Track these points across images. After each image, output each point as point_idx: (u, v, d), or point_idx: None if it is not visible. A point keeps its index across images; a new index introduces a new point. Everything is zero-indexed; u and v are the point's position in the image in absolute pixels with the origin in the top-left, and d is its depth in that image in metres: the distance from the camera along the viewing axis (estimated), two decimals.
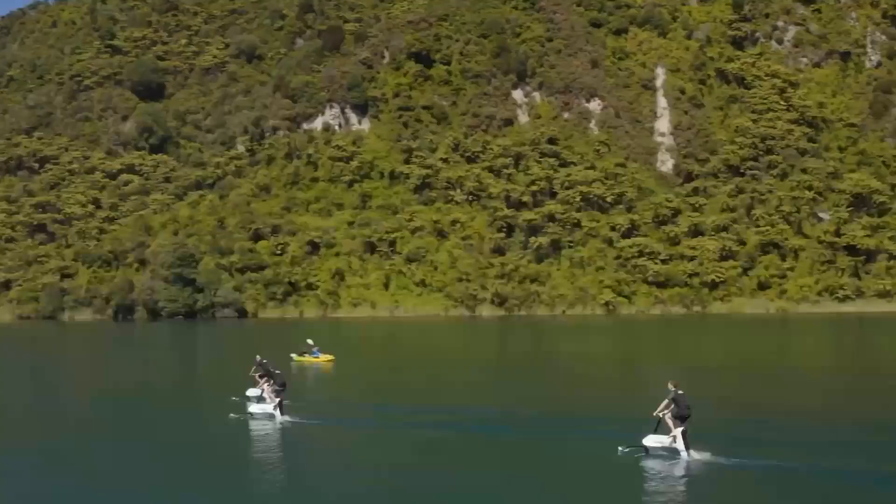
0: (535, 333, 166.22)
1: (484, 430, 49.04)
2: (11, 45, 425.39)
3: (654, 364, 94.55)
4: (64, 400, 69.32)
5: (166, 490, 37.20)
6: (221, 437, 49.91)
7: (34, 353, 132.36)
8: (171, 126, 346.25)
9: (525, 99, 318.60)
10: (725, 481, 37.37)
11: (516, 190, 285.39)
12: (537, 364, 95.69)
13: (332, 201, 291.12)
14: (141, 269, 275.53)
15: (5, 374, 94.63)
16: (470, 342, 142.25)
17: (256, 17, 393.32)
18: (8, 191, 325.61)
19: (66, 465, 41.75)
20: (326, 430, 51.48)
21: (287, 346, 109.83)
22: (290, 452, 46.28)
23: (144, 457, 44.02)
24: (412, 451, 44.09)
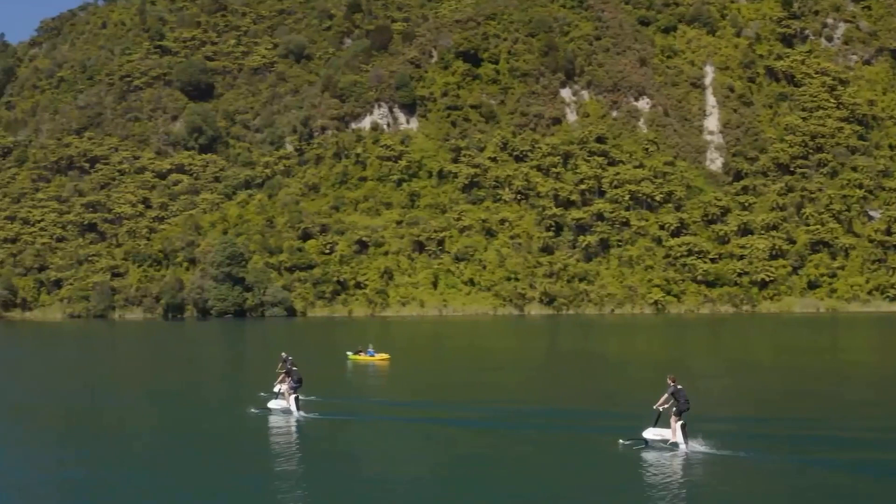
0: (585, 332, 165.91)
1: (532, 427, 49.17)
2: (62, 47, 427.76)
3: (702, 363, 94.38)
4: (108, 394, 70.04)
5: (170, 477, 39.15)
6: (237, 431, 52.08)
7: (84, 349, 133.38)
8: (220, 126, 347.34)
9: (573, 97, 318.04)
10: (726, 473, 38.73)
11: (565, 189, 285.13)
12: (587, 363, 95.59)
13: (381, 200, 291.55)
14: (191, 268, 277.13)
15: (56, 370, 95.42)
16: (521, 341, 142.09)
17: (305, 17, 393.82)
18: (59, 191, 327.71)
19: (93, 455, 44.12)
20: (336, 424, 53.59)
21: (336, 344, 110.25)
22: (295, 446, 48.20)
23: (161, 447, 47.06)
24: (447, 446, 44.71)
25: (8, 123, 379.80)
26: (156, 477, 38.99)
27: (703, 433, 42.91)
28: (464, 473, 39.11)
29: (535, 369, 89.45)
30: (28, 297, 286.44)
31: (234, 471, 40.50)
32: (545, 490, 35.82)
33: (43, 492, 36.76)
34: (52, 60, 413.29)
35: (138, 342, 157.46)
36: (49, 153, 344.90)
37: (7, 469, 40.58)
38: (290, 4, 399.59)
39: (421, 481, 37.54)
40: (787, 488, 36.35)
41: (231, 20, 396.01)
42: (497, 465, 40.50)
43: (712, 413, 53.85)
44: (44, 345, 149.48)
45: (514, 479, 37.51)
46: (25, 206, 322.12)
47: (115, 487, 37.30)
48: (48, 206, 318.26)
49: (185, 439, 49.42)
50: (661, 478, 37.75)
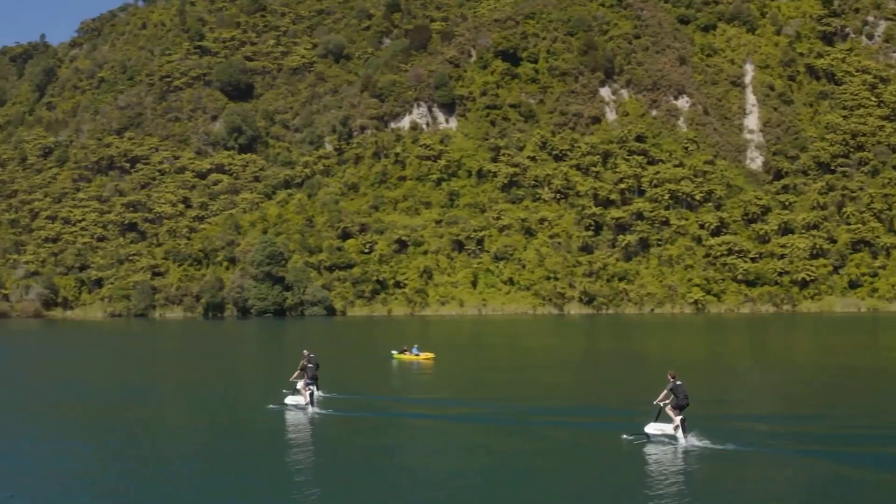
0: (625, 331, 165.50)
1: (580, 426, 49.13)
2: (102, 47, 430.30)
3: (740, 362, 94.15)
4: (142, 390, 70.62)
5: (170, 471, 40.16)
6: (248, 426, 53.08)
7: (123, 347, 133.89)
8: (259, 126, 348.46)
9: (612, 96, 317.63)
10: (727, 466, 39.57)
11: (604, 188, 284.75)
12: (628, 362, 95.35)
13: (420, 200, 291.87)
14: (231, 268, 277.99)
15: (94, 368, 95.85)
16: (563, 340, 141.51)
17: (344, 17, 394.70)
18: (99, 190, 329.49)
19: (114, 447, 44.68)
20: (352, 420, 54.05)
21: (378, 343, 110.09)
22: (301, 441, 48.76)
23: (176, 441, 48.53)
24: (485, 444, 44.61)
25: (49, 124, 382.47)
26: (159, 471, 40.04)
27: (733, 430, 44.28)
28: (492, 471, 39.13)
29: (580, 368, 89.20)
30: (69, 297, 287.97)
31: (231, 466, 41.29)
32: (573, 488, 36.14)
33: (70, 484, 37.36)
34: (93, 61, 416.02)
35: (177, 340, 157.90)
36: (90, 153, 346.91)
37: (43, 463, 41.30)
38: (329, 4, 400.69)
39: (430, 479, 37.71)
40: (787, 482, 36.96)
41: (270, 20, 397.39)
42: (531, 463, 40.53)
43: (742, 410, 55.28)
44: (84, 343, 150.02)
45: (545, 477, 37.43)
46: (66, 205, 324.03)
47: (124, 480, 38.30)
48: (89, 206, 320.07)
49: (198, 433, 50.72)
50: (679, 476, 38.16)
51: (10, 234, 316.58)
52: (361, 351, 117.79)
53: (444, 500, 34.40)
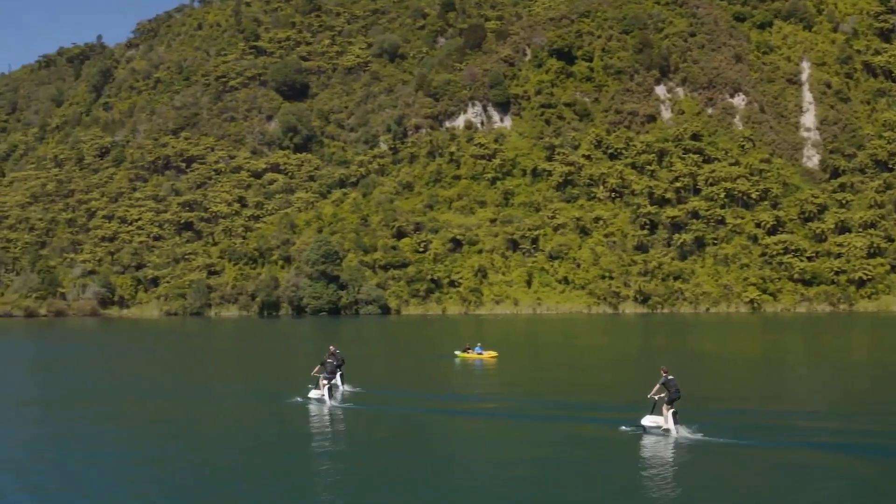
0: (683, 331, 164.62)
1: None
2: (158, 48, 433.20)
3: (794, 360, 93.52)
4: (188, 386, 71.30)
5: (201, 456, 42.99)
6: (268, 418, 55.33)
7: (181, 345, 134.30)
8: (314, 125, 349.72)
9: (668, 94, 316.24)
10: (717, 458, 40.98)
11: (659, 186, 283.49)
12: (697, 362, 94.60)
13: (475, 199, 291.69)
14: (286, 267, 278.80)
15: (152, 364, 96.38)
16: (622, 339, 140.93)
17: (398, 16, 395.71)
18: (156, 190, 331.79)
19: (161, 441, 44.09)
20: (371, 414, 54.86)
21: (435, 342, 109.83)
22: (320, 433, 50.37)
23: (207, 433, 50.37)
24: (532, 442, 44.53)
25: (105, 124, 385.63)
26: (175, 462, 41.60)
27: (787, 427, 45.28)
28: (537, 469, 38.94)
29: (638, 367, 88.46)
30: (126, 295, 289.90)
31: (240, 456, 42.85)
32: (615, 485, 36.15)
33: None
34: (149, 62, 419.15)
35: (231, 338, 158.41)
36: (146, 153, 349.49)
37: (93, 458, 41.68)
38: (384, 4, 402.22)
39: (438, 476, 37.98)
40: (778, 474, 37.59)
41: (325, 20, 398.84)
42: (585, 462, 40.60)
43: (789, 407, 55.82)
44: (141, 341, 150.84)
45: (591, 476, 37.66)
46: (123, 205, 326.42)
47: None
48: (145, 206, 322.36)
49: (223, 425, 53.43)
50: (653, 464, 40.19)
51: (68, 233, 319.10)
52: (422, 350, 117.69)
53: (489, 494, 34.49)
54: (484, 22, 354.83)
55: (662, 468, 38.92)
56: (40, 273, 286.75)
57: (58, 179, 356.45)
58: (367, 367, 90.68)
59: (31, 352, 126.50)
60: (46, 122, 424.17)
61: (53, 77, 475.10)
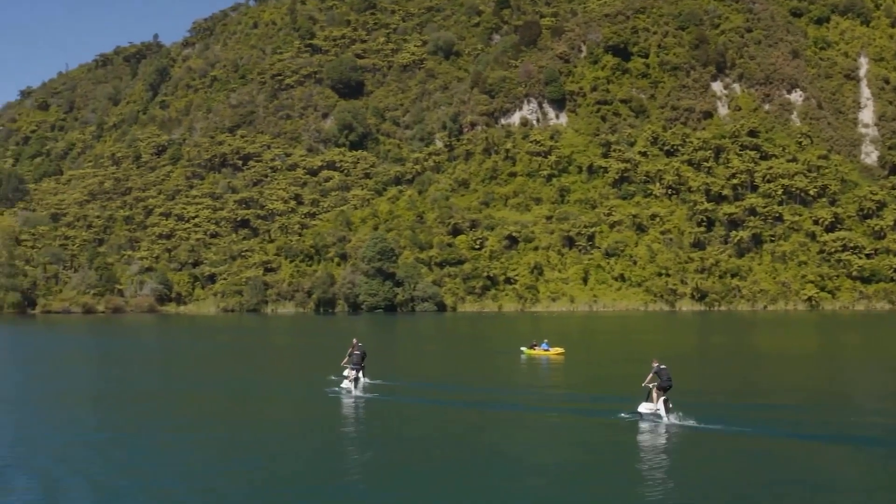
0: (747, 329, 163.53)
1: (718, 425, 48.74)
2: (214, 46, 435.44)
3: (854, 359, 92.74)
4: (241, 379, 71.67)
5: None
6: (310, 408, 57.92)
7: (237, 341, 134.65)
8: (370, 123, 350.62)
9: (724, 91, 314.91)
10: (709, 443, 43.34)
11: (716, 183, 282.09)
12: (769, 359, 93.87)
13: (530, 196, 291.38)
14: (342, 264, 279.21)
15: (210, 359, 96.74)
16: (686, 337, 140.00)
17: (453, 13, 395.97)
18: (213, 187, 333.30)
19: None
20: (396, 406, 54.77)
21: (494, 338, 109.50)
22: (340, 422, 52.03)
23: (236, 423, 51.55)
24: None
25: (162, 122, 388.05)
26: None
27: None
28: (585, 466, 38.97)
29: (708, 364, 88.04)
30: (183, 292, 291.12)
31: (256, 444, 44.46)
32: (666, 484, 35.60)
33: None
34: (205, 60, 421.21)
35: (287, 334, 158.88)
36: (203, 151, 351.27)
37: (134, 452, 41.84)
38: (439, 1, 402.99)
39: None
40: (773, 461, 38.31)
41: (380, 18, 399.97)
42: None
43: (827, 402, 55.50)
44: (198, 336, 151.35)
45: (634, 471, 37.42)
46: (180, 202, 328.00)
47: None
48: (202, 203, 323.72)
49: (255, 414, 55.57)
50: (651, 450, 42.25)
51: (125, 230, 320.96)
52: (486, 346, 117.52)
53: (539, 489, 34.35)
54: (539, 18, 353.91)
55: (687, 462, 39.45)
56: (98, 270, 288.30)
57: (115, 177, 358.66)
58: (432, 363, 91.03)
59: (93, 347, 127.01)
60: (104, 121, 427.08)
61: (110, 76, 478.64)
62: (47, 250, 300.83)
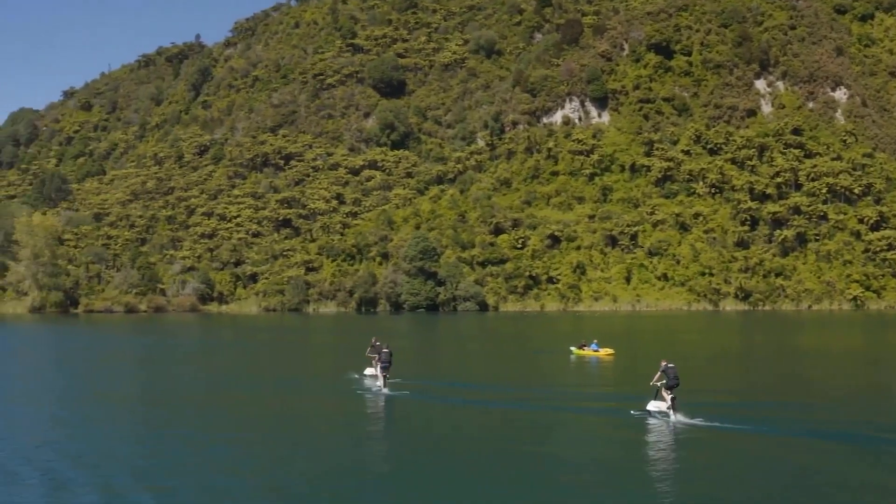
0: (792, 328, 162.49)
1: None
2: (256, 46, 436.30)
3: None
4: (275, 377, 71.42)
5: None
6: (337, 404, 59.77)
7: (279, 340, 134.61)
8: (411, 122, 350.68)
9: (768, 89, 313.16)
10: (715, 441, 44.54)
11: (760, 182, 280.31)
12: (825, 359, 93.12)
13: (573, 195, 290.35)
14: (383, 263, 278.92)
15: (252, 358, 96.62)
16: (731, 336, 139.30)
17: (495, 12, 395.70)
18: (254, 187, 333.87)
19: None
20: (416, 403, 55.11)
21: (531, 337, 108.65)
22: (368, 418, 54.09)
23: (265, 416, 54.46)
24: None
25: (204, 122, 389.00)
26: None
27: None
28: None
29: (762, 364, 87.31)
30: (224, 291, 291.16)
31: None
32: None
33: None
34: (247, 60, 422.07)
35: (329, 333, 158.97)
36: (244, 150, 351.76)
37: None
38: (480, 0, 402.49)
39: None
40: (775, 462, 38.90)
41: (422, 17, 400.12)
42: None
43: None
44: (242, 336, 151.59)
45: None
46: (222, 202, 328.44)
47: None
48: (244, 203, 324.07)
49: (287, 408, 58.07)
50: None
51: (168, 230, 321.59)
52: (532, 346, 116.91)
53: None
54: (581, 17, 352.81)
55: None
56: (140, 269, 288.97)
57: (157, 177, 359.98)
58: (478, 363, 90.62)
59: (139, 347, 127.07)
60: (146, 121, 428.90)
61: (153, 76, 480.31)
62: (90, 250, 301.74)
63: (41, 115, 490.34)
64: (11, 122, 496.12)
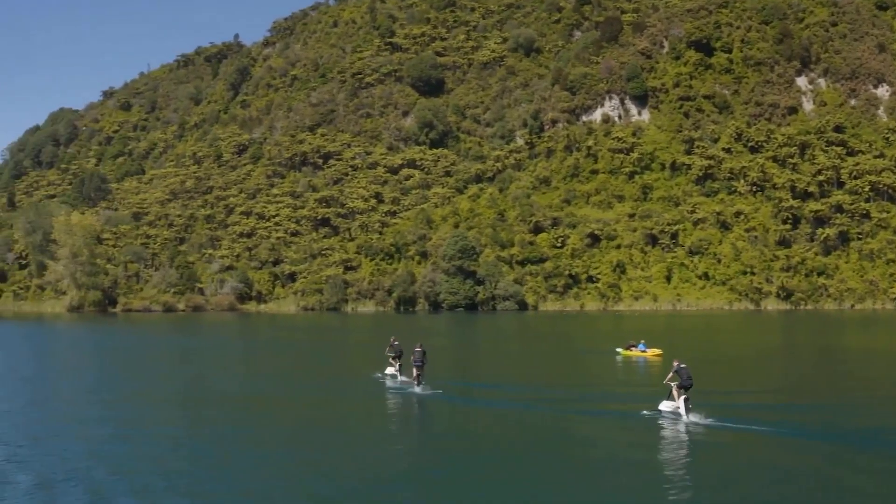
0: (832, 327, 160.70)
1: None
2: (294, 46, 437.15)
3: None
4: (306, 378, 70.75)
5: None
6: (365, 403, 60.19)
7: (324, 338, 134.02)
8: (450, 121, 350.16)
9: (809, 86, 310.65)
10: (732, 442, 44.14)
11: (802, 180, 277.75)
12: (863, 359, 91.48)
13: (613, 193, 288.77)
14: (422, 262, 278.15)
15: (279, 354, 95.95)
16: (778, 336, 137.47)
17: (534, 10, 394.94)
18: (293, 186, 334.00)
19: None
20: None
21: (574, 337, 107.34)
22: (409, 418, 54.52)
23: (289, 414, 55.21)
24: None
25: (243, 122, 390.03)
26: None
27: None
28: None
29: (813, 364, 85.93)
30: (263, 290, 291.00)
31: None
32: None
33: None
34: (286, 59, 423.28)
35: (368, 332, 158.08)
36: (283, 150, 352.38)
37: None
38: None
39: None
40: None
41: (460, 16, 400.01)
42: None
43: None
44: (278, 335, 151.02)
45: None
46: (261, 201, 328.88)
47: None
48: (282, 202, 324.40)
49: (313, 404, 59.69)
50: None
51: (206, 229, 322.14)
52: (575, 346, 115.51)
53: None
54: (620, 14, 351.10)
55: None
56: (179, 268, 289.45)
57: (196, 176, 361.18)
58: (522, 363, 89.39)
59: (179, 346, 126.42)
60: (185, 121, 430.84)
61: (192, 76, 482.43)
62: (129, 249, 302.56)
63: (81, 115, 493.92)
64: (51, 122, 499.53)
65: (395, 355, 68.59)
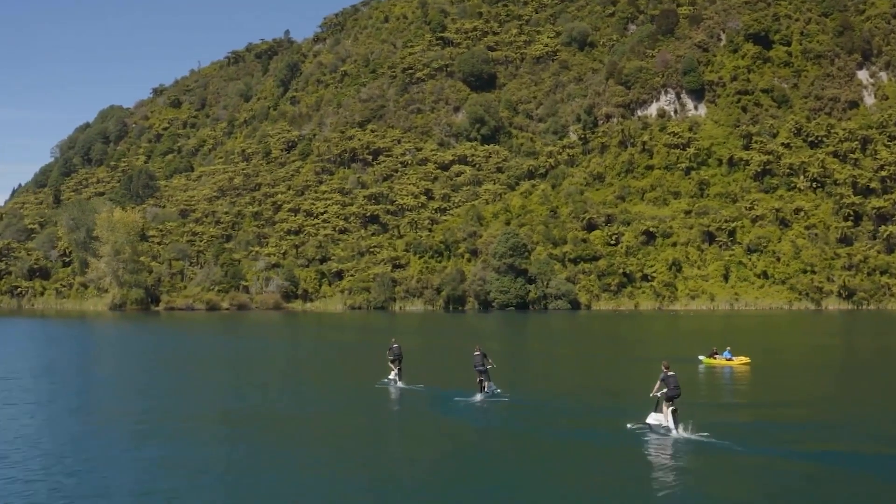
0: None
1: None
2: (345, 41, 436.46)
3: None
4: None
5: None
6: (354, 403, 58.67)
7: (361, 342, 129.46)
8: (502, 116, 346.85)
9: (871, 79, 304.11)
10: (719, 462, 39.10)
11: (864, 176, 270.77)
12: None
13: (668, 189, 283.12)
14: (472, 260, 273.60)
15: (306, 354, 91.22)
16: (863, 338, 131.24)
17: (587, 3, 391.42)
18: (342, 183, 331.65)
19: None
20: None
21: (635, 340, 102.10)
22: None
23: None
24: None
25: (292, 118, 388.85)
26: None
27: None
28: None
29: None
30: (309, 289, 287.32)
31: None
32: None
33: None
34: (336, 55, 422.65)
35: (417, 334, 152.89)
36: (332, 146, 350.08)
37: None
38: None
39: None
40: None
41: (512, 10, 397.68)
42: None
43: None
44: (325, 335, 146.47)
45: None
46: (309, 198, 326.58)
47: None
48: (331, 199, 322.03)
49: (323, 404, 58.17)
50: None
51: (254, 226, 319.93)
52: (643, 352, 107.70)
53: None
54: (676, 7, 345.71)
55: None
56: (224, 266, 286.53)
57: (245, 173, 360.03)
58: (578, 370, 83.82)
59: (224, 348, 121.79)
60: (234, 117, 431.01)
61: (242, 73, 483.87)
62: (174, 246, 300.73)
63: (130, 113, 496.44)
64: (101, 119, 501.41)
65: (394, 359, 65.93)
